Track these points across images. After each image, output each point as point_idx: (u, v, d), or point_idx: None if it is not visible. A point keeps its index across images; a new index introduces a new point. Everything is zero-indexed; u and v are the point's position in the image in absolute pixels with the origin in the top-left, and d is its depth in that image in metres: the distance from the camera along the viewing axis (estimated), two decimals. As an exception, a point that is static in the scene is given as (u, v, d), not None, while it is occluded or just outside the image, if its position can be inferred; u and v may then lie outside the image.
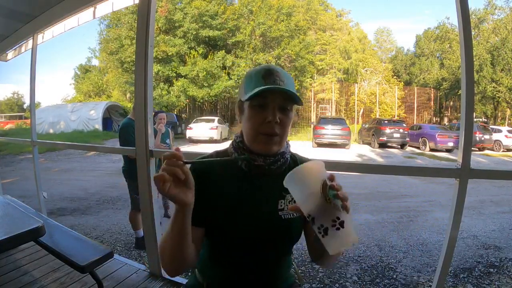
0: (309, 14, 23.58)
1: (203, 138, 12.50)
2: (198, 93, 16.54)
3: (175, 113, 17.25)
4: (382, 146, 12.43)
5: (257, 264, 0.77)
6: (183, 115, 19.42)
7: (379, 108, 19.71)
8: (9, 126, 20.70)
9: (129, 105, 17.81)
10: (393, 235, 3.25)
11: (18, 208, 1.55)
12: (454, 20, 21.53)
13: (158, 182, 0.55)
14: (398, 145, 12.55)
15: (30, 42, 2.68)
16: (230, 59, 16.91)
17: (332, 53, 22.38)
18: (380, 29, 29.73)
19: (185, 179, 0.59)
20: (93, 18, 2.26)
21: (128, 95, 20.33)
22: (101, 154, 9.37)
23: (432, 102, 22.33)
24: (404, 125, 12.87)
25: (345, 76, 22.18)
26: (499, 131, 12.63)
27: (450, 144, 11.43)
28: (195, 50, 16.84)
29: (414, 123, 16.90)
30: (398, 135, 12.14)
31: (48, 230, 1.33)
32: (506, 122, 19.85)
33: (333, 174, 0.59)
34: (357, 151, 11.33)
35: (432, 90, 22.23)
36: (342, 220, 0.56)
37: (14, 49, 3.14)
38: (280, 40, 17.93)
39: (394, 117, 18.03)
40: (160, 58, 16.47)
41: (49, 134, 15.27)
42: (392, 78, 21.86)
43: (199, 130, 12.71)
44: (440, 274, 1.33)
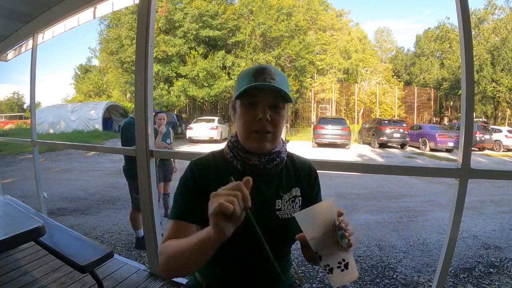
0: (309, 14, 23.59)
1: (203, 138, 12.50)
2: (198, 93, 16.55)
3: (175, 113, 17.27)
4: (382, 146, 12.43)
5: (255, 264, 0.77)
6: (183, 115, 19.43)
7: (379, 108, 19.72)
8: (9, 126, 20.73)
9: (129, 105, 17.83)
10: (393, 235, 3.24)
11: (18, 208, 1.55)
12: (454, 20, 21.57)
13: (218, 210, 0.50)
14: (398, 145, 12.55)
15: (30, 42, 2.68)
16: (230, 59, 16.92)
17: (332, 53, 22.40)
18: (380, 29, 29.82)
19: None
20: (93, 18, 2.26)
21: (128, 95, 20.36)
22: (101, 154, 9.37)
23: (432, 102, 22.33)
24: (404, 125, 12.88)
25: (345, 76, 22.21)
26: (499, 131, 12.63)
27: (450, 144, 11.43)
28: (195, 50, 16.85)
29: (414, 123, 16.92)
30: (398, 135, 12.14)
31: (48, 230, 1.33)
32: (506, 122, 19.85)
33: (341, 211, 0.62)
34: (357, 151, 11.33)
35: (432, 90, 22.24)
36: (347, 262, 0.61)
37: (14, 49, 3.14)
38: (280, 40, 17.94)
39: (394, 117, 18.03)
40: (160, 58, 16.48)
41: (49, 134, 15.27)
42: (392, 78, 21.87)
43: (199, 130, 12.72)
44: (440, 274, 1.33)
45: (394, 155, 10.60)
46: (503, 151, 12.08)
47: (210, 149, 0.91)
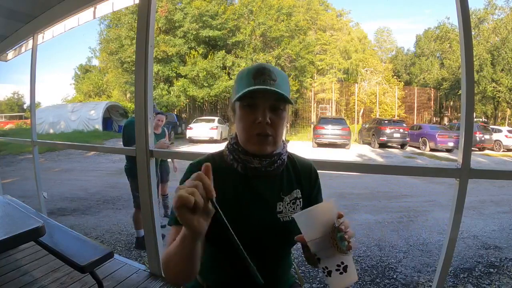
0: (309, 14, 23.59)
1: (203, 138, 12.50)
2: (198, 93, 16.56)
3: (175, 113, 17.27)
4: (382, 146, 12.43)
5: (256, 266, 0.77)
6: (183, 115, 19.44)
7: (379, 108, 19.71)
8: (9, 126, 20.70)
9: (129, 105, 17.83)
10: (393, 235, 3.24)
11: (18, 208, 1.55)
12: (454, 20, 21.56)
13: (178, 203, 0.48)
14: (398, 145, 12.55)
15: (30, 42, 2.68)
16: (230, 59, 16.92)
17: (332, 53, 22.38)
18: (380, 29, 29.82)
19: (205, 211, 0.52)
20: (93, 18, 2.27)
21: (128, 95, 20.34)
22: (101, 154, 9.37)
23: (432, 102, 22.33)
24: (404, 125, 12.87)
25: (345, 76, 22.19)
26: (499, 131, 12.62)
27: (450, 144, 11.42)
28: (195, 50, 16.85)
29: (414, 123, 16.91)
30: (398, 135, 12.14)
31: (48, 230, 1.33)
32: (506, 122, 19.86)
33: (341, 213, 0.61)
34: (357, 151, 11.33)
35: (432, 90, 22.24)
36: (346, 265, 0.61)
37: (14, 49, 3.14)
38: (280, 40, 17.94)
39: (394, 117, 18.02)
40: (160, 58, 16.48)
41: (49, 134, 15.26)
42: (392, 78, 21.86)
43: (199, 130, 12.71)
44: (440, 274, 1.33)
45: (394, 155, 10.60)
46: (503, 151, 12.08)
47: (210, 149, 0.91)
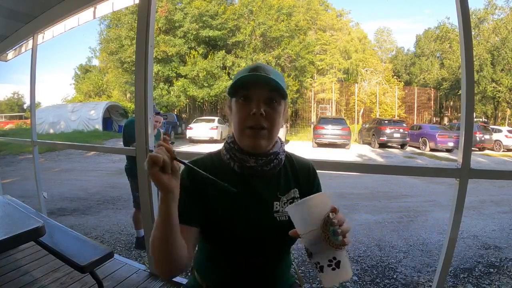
0: (309, 14, 23.59)
1: (203, 138, 12.50)
2: (198, 93, 16.55)
3: (175, 113, 17.26)
4: (382, 146, 12.43)
5: (255, 266, 0.77)
6: (183, 115, 19.43)
7: (379, 108, 19.71)
8: (9, 126, 20.69)
9: (129, 105, 17.81)
10: (393, 235, 3.24)
11: (18, 208, 1.55)
12: (454, 20, 21.55)
13: (149, 162, 0.55)
14: (398, 145, 12.55)
15: (30, 42, 2.68)
16: (230, 59, 16.91)
17: (332, 53, 22.38)
18: (380, 29, 29.81)
19: (173, 170, 0.59)
20: (93, 18, 2.26)
21: (128, 95, 20.34)
22: (101, 154, 9.37)
23: (432, 102, 22.33)
24: (404, 125, 12.88)
25: (345, 76, 22.20)
26: (499, 131, 12.63)
27: (450, 144, 11.42)
28: (195, 50, 16.84)
29: (414, 123, 16.92)
30: (398, 135, 12.14)
31: (48, 230, 1.33)
32: (506, 122, 19.86)
33: (335, 207, 0.59)
34: (357, 151, 11.33)
35: (432, 90, 22.24)
36: (338, 260, 0.58)
37: (14, 49, 3.14)
38: (280, 40, 17.92)
39: (394, 117, 18.02)
40: (160, 58, 16.47)
41: (49, 134, 15.26)
42: (392, 78, 21.87)
43: (199, 130, 12.72)
44: (440, 274, 1.33)
45: (394, 155, 10.60)
46: (503, 151, 12.08)
47: (210, 149, 0.91)
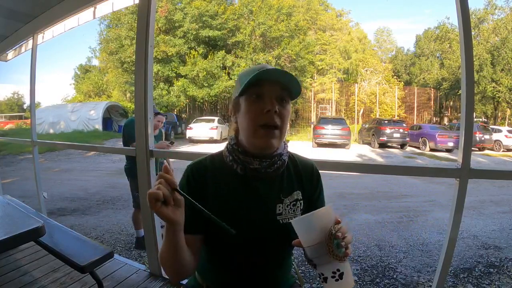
0: (309, 14, 23.60)
1: (203, 138, 12.50)
2: (198, 93, 16.55)
3: (175, 113, 17.26)
4: (382, 146, 12.43)
5: (256, 267, 0.76)
6: (183, 115, 19.42)
7: (379, 108, 19.72)
8: (9, 126, 20.68)
9: (129, 105, 17.82)
10: (393, 235, 3.24)
11: (18, 208, 1.54)
12: (454, 20, 21.56)
13: (150, 200, 0.55)
14: (398, 145, 12.55)
15: (30, 42, 2.68)
16: (230, 59, 16.91)
17: (332, 53, 22.40)
18: (380, 29, 29.86)
19: (175, 201, 0.58)
20: (93, 18, 2.26)
21: (128, 95, 20.34)
22: (101, 154, 9.37)
23: (432, 102, 22.34)
24: (404, 125, 12.87)
25: (345, 76, 22.20)
26: (499, 131, 12.63)
27: (450, 144, 11.42)
28: (195, 50, 16.84)
29: (414, 123, 16.91)
30: (398, 135, 12.14)
31: (48, 230, 1.32)
32: (506, 122, 19.87)
33: (339, 219, 0.61)
34: (357, 151, 11.33)
35: (432, 90, 22.24)
36: (342, 272, 0.60)
37: (14, 49, 3.14)
38: (280, 40, 17.92)
39: (394, 117, 18.03)
40: (160, 58, 16.47)
41: (49, 134, 15.26)
42: (392, 78, 21.88)
43: (199, 130, 12.72)
44: (440, 274, 1.33)
45: (394, 155, 10.60)
46: (503, 151, 12.08)
47: (210, 149, 0.91)
